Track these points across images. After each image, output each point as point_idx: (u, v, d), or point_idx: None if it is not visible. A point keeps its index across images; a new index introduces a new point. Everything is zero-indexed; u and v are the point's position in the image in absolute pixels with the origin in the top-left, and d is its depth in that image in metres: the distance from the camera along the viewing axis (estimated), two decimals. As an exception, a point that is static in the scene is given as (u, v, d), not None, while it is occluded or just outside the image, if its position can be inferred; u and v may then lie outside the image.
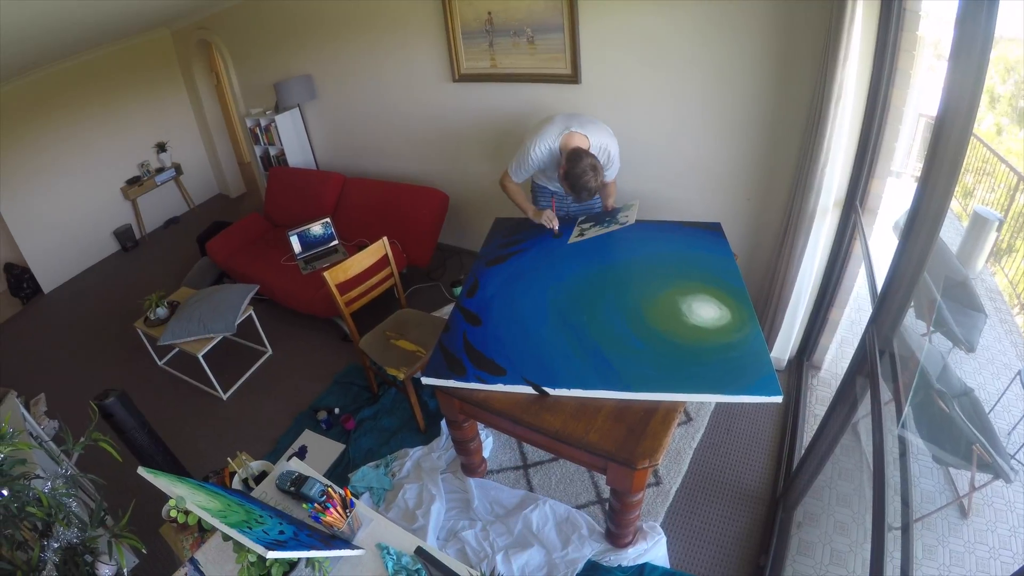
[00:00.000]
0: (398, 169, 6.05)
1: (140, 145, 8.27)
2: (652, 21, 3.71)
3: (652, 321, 2.88)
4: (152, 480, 1.85)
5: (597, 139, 3.47)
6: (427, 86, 5.20)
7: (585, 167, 3.24)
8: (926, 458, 2.40)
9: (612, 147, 3.55)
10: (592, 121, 3.54)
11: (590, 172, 3.24)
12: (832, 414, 2.74)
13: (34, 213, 7.30)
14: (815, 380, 3.94)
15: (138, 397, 3.65)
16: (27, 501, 2.31)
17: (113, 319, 6.36)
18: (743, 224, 3.99)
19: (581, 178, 3.25)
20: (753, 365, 2.55)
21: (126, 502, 2.76)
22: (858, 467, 2.98)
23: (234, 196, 9.30)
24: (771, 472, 3.44)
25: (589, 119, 3.55)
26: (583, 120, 3.52)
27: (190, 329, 4.56)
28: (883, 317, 2.26)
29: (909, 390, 2.16)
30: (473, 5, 4.43)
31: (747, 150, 3.76)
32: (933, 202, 1.81)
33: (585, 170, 3.24)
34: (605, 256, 3.46)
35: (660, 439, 2.39)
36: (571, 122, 3.47)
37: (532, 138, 3.55)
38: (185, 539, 2.85)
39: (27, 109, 6.99)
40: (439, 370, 2.83)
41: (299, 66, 6.23)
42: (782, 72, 3.42)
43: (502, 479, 3.57)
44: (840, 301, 3.70)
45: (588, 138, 3.43)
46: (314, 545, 1.92)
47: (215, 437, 4.46)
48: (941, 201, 1.79)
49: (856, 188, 3.28)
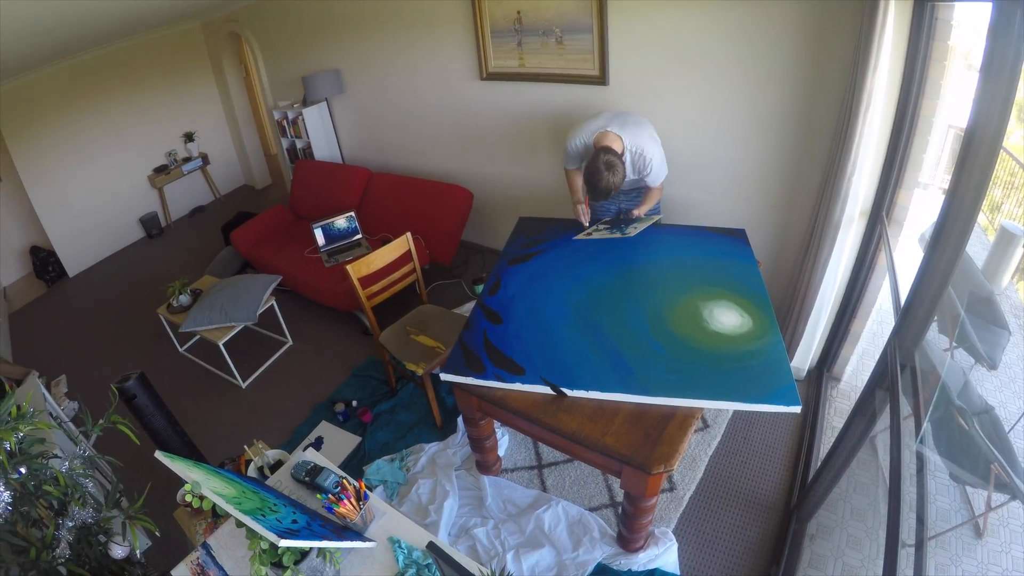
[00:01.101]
0: (423, 165, 6.07)
1: (168, 134, 8.37)
2: (681, 23, 3.70)
3: (673, 325, 2.87)
4: (169, 464, 1.87)
5: (632, 140, 3.43)
6: (454, 83, 5.22)
7: (600, 165, 3.22)
8: (943, 475, 2.37)
9: (649, 151, 3.48)
10: (637, 122, 3.52)
11: (604, 170, 3.22)
12: (850, 426, 2.72)
13: (61, 197, 7.40)
14: (834, 391, 3.91)
15: (158, 382, 3.69)
16: (44, 480, 2.34)
17: (136, 305, 6.42)
18: (767, 231, 3.97)
19: (593, 175, 3.25)
20: (773, 374, 2.54)
21: (142, 485, 2.79)
22: (874, 481, 2.96)
23: (260, 187, 9.37)
24: (786, 483, 3.42)
25: (635, 120, 3.53)
26: (626, 120, 3.50)
27: (212, 317, 4.60)
28: (906, 330, 2.24)
29: (929, 405, 2.15)
30: (503, 4, 4.44)
31: (774, 157, 3.74)
32: (960, 215, 1.79)
33: (599, 168, 3.22)
34: (628, 259, 3.46)
35: (676, 445, 2.38)
36: (613, 121, 3.46)
37: (574, 131, 3.58)
38: (198, 524, 2.87)
39: (59, 96, 7.10)
40: (458, 367, 2.84)
41: (328, 60, 6.27)
42: (811, 78, 3.40)
43: (516, 478, 3.57)
44: (863, 312, 3.67)
45: (623, 139, 3.40)
46: (326, 536, 1.93)
47: (232, 424, 4.50)
48: (968, 214, 1.77)
49: (883, 198, 3.25)
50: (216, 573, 2.23)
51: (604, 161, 3.22)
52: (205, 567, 2.26)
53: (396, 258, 3.94)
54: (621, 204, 3.93)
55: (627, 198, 3.90)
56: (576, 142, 3.55)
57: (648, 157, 3.49)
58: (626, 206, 3.90)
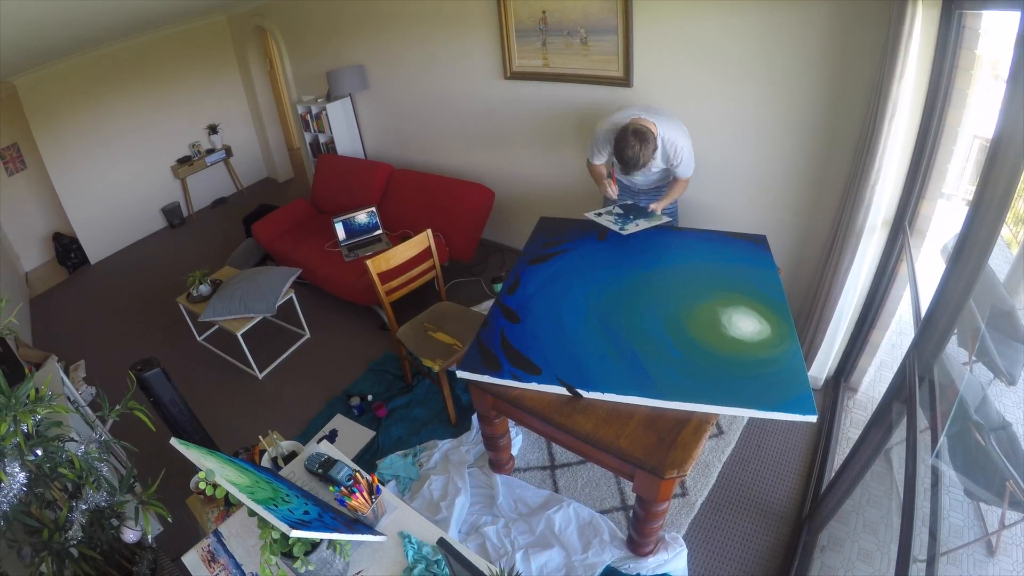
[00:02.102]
0: (446, 163, 6.09)
1: (192, 126, 8.45)
2: (708, 26, 3.68)
3: (691, 330, 2.86)
4: (183, 451, 1.88)
5: (664, 130, 3.44)
6: (478, 82, 5.23)
7: (629, 134, 3.24)
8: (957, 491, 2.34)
9: (681, 143, 3.50)
10: (669, 118, 3.52)
11: (633, 139, 3.24)
12: (866, 438, 2.70)
13: (85, 185, 7.49)
14: (851, 402, 3.89)
15: (175, 370, 3.72)
16: (60, 462, 2.37)
17: (156, 293, 6.48)
18: (789, 238, 3.95)
19: (622, 142, 3.26)
20: (790, 382, 2.52)
21: (156, 471, 2.82)
22: (887, 495, 2.93)
23: (282, 180, 9.43)
24: (799, 492, 3.40)
25: (665, 114, 3.54)
26: (656, 111, 3.51)
27: (231, 308, 4.63)
28: (925, 342, 2.22)
29: (946, 419, 2.12)
30: (528, 4, 4.45)
31: (797, 163, 3.72)
32: (984, 227, 1.78)
33: (628, 137, 3.24)
34: (648, 262, 3.45)
35: (690, 450, 2.37)
36: (646, 111, 3.47)
37: (603, 120, 3.59)
38: (211, 511, 2.90)
39: (86, 85, 7.19)
40: (475, 364, 2.84)
41: (352, 56, 6.30)
42: (836, 85, 3.37)
43: (528, 478, 3.58)
44: (882, 323, 3.64)
45: (656, 127, 3.41)
46: (337, 528, 1.94)
47: (248, 414, 4.54)
48: (992, 227, 1.76)
49: (906, 208, 3.22)
50: (226, 561, 2.25)
51: (634, 130, 3.25)
52: (216, 554, 2.28)
53: (416, 254, 3.96)
54: (641, 200, 3.93)
55: (647, 197, 3.90)
56: (605, 126, 3.55)
57: (680, 147, 3.50)
58: (645, 202, 3.90)
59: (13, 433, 2.14)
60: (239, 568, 2.21)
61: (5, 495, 2.19)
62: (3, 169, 7.56)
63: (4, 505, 2.19)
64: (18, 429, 2.16)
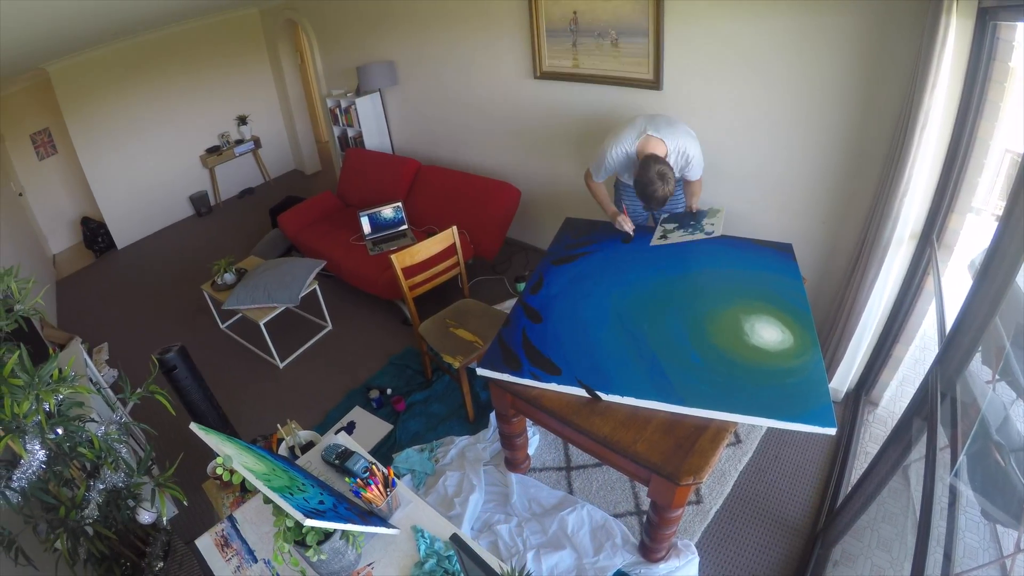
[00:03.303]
0: (473, 160, 6.10)
1: (222, 116, 8.56)
2: (740, 31, 3.65)
3: (713, 337, 2.85)
4: (202, 436, 1.90)
5: (675, 142, 3.42)
6: (508, 81, 5.23)
7: (653, 176, 3.21)
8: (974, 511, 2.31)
9: (691, 149, 3.48)
10: (673, 123, 3.50)
11: (658, 182, 3.20)
12: (884, 453, 2.67)
13: (114, 172, 7.60)
14: (871, 416, 3.85)
15: (197, 356, 3.76)
16: (79, 442, 2.40)
17: (181, 280, 6.56)
18: (815, 248, 3.91)
19: (648, 187, 3.23)
20: (810, 393, 2.50)
21: (173, 455, 2.85)
22: (903, 512, 2.89)
23: (309, 173, 9.50)
24: (814, 505, 3.37)
25: (669, 121, 3.51)
26: (663, 122, 3.47)
27: (255, 297, 4.67)
28: (949, 359, 2.20)
29: (967, 438, 2.10)
30: (560, 4, 4.44)
31: (826, 172, 3.68)
32: (1012, 243, 1.76)
33: (653, 179, 3.20)
34: (672, 266, 3.43)
35: (707, 457, 2.36)
36: (650, 125, 3.44)
37: (610, 140, 3.55)
38: (226, 497, 2.92)
39: (118, 74, 7.31)
40: (495, 363, 2.85)
41: (383, 52, 6.33)
42: (868, 95, 3.33)
43: (544, 478, 3.58)
44: (906, 337, 3.60)
45: (665, 142, 3.39)
46: (351, 519, 1.95)
47: (267, 403, 4.58)
48: (1021, 243, 1.73)
49: (934, 221, 3.17)
50: (239, 546, 2.27)
51: (657, 172, 3.21)
52: (229, 539, 2.30)
53: (441, 251, 3.98)
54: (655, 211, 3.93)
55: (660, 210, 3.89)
56: (616, 152, 3.53)
57: (691, 155, 3.49)
58: (659, 211, 3.89)
59: (35, 411, 2.17)
60: (251, 554, 2.23)
61: (24, 472, 2.22)
62: (34, 153, 7.70)
63: (23, 481, 2.23)
64: (40, 408, 2.19)
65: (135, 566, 2.80)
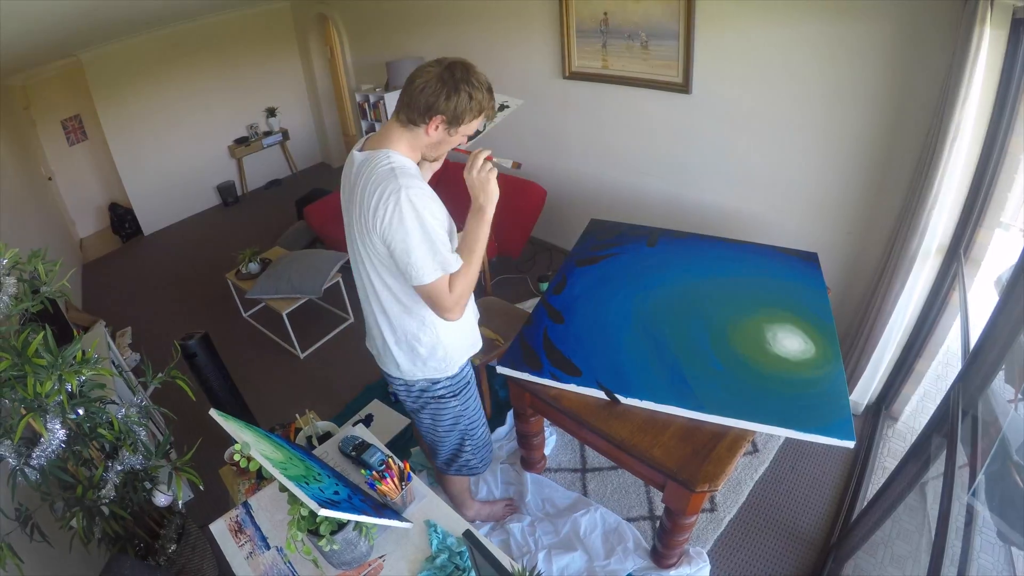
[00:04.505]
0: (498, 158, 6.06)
1: (251, 108, 8.63)
2: (771, 35, 3.63)
3: (735, 344, 2.82)
4: (222, 423, 1.91)
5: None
6: (536, 80, 5.23)
7: None
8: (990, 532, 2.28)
9: None
10: None
11: None
12: (902, 469, 2.65)
13: (143, 159, 7.70)
14: (890, 431, 3.81)
15: (219, 343, 3.79)
16: (99, 423, 2.43)
17: (206, 268, 6.62)
18: (840, 258, 3.88)
19: None
20: (830, 405, 2.48)
21: (192, 439, 2.88)
22: (919, 529, 2.86)
23: (336, 166, 9.55)
24: (828, 519, 3.33)
25: None
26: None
27: (278, 287, 4.71)
28: (971, 376, 2.17)
29: (986, 457, 2.07)
30: (590, 4, 4.44)
31: (854, 182, 3.65)
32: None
33: None
34: (697, 271, 3.41)
35: (724, 465, 2.34)
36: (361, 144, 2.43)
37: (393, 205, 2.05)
38: (242, 483, 2.95)
39: (149, 63, 7.41)
40: (515, 361, 2.85)
41: (412, 47, 6.35)
42: (897, 105, 3.30)
43: (558, 479, 3.57)
44: (929, 352, 3.55)
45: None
46: (365, 511, 1.95)
47: (286, 392, 4.61)
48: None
49: (961, 236, 3.13)
50: (253, 532, 2.28)
51: None
52: (243, 525, 2.31)
53: (464, 247, 3.96)
54: None
55: None
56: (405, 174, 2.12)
57: None
58: None
59: (57, 391, 2.20)
60: (264, 541, 2.24)
61: (44, 450, 2.25)
62: (65, 139, 7.82)
63: (42, 459, 2.26)
64: (62, 388, 2.22)
65: (148, 547, 2.84)
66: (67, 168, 7.90)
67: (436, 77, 2.01)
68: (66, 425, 2.30)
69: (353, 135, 9.67)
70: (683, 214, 4.52)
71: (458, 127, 2.17)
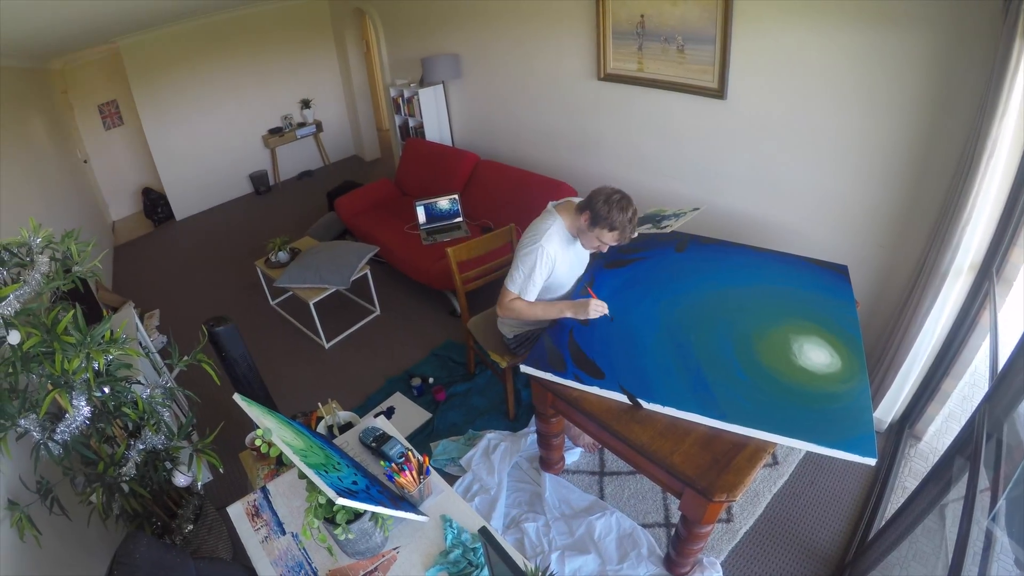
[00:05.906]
0: (530, 157, 6.10)
1: (286, 99, 8.73)
2: (810, 43, 3.58)
3: (760, 355, 2.80)
4: (245, 408, 1.93)
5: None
6: (571, 81, 5.22)
7: (626, 202, 2.92)
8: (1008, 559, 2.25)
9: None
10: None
11: (631, 204, 2.95)
12: (923, 490, 2.61)
13: (178, 146, 7.83)
14: (912, 450, 3.75)
15: (246, 330, 3.83)
16: (124, 402, 2.47)
17: (235, 255, 6.70)
18: (870, 271, 3.82)
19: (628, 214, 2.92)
20: (854, 420, 2.45)
21: (214, 422, 2.91)
22: (936, 553, 2.81)
23: (368, 160, 9.61)
24: (845, 536, 3.29)
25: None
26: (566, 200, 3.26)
27: (307, 277, 4.75)
28: (998, 398, 2.14)
29: (1008, 482, 2.04)
30: (627, 5, 4.41)
31: (887, 195, 3.59)
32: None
33: (627, 202, 2.93)
34: (725, 279, 3.39)
35: (743, 476, 2.32)
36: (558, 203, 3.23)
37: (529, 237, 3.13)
38: (261, 468, 2.97)
39: (187, 51, 7.54)
40: (540, 362, 2.85)
41: (448, 45, 6.38)
42: (933, 119, 3.24)
43: (576, 480, 3.57)
44: (956, 372, 3.49)
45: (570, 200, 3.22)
46: (382, 502, 1.97)
47: (309, 381, 4.66)
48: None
49: (995, 254, 3.05)
50: (269, 517, 2.31)
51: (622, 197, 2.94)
52: (260, 509, 2.34)
53: (497, 247, 4.01)
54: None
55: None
56: (547, 238, 3.06)
57: None
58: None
59: (84, 369, 2.24)
60: (280, 526, 2.27)
61: (68, 425, 2.29)
62: (101, 123, 7.96)
63: (66, 435, 2.30)
64: (89, 366, 2.26)
65: (165, 526, 2.88)
66: (102, 152, 8.04)
67: (607, 193, 2.93)
68: (91, 402, 2.34)
69: (386, 129, 9.72)
70: (712, 220, 4.49)
71: (592, 229, 2.99)
